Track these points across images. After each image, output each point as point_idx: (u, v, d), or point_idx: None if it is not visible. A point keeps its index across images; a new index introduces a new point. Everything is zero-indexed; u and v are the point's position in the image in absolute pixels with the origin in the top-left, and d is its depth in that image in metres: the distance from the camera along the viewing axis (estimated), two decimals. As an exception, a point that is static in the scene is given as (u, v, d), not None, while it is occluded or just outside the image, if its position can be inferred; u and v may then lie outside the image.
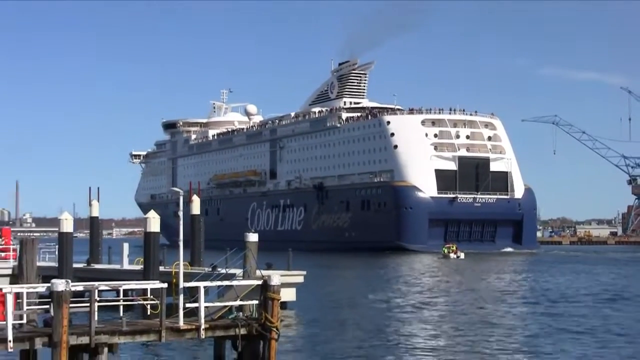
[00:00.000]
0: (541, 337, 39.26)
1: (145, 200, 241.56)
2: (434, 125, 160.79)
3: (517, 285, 72.18)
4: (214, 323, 28.90)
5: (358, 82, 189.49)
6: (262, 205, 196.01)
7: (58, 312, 25.31)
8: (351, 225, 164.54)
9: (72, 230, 54.63)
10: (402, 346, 36.41)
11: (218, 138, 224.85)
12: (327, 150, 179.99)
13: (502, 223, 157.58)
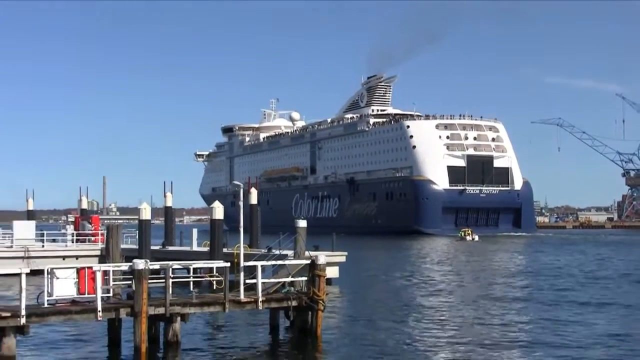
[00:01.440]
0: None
1: (208, 193, 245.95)
2: (446, 128, 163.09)
3: (531, 261, 72.02)
4: (269, 296, 28.97)
5: (383, 92, 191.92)
6: (304, 196, 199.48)
7: (139, 287, 25.48)
8: (377, 213, 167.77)
9: (150, 218, 54.89)
10: (432, 317, 36.18)
11: (267, 140, 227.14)
12: (358, 150, 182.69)
13: (504, 210, 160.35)
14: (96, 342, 27.46)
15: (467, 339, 29.24)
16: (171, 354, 25.80)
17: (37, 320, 24.53)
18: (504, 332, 30.98)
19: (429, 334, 30.72)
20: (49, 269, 25.95)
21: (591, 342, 28.29)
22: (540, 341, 28.49)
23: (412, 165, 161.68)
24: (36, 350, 26.23)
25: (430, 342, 28.50)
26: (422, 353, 26.35)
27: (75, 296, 25.72)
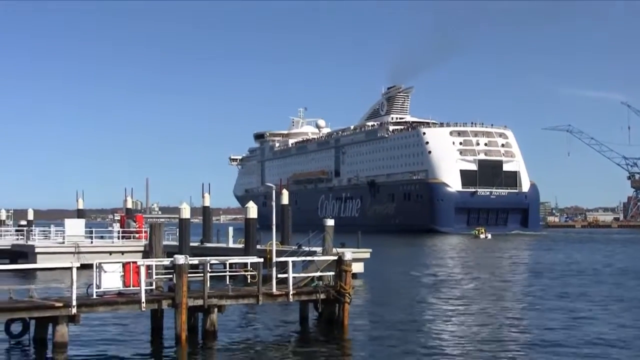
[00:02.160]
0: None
1: (241, 194, 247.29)
2: (459, 135, 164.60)
3: (542, 257, 71.73)
4: (299, 290, 28.98)
5: (402, 102, 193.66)
6: (329, 197, 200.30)
7: (179, 280, 25.58)
8: (396, 212, 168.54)
9: (189, 217, 55.04)
10: (453, 310, 36.07)
11: (296, 145, 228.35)
12: (378, 155, 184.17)
13: (512, 211, 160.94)
14: (140, 331, 27.58)
15: (487, 331, 29.13)
16: (209, 342, 25.87)
17: (87, 310, 24.67)
18: (525, 324, 30.90)
19: (450, 325, 30.67)
20: (98, 263, 26.13)
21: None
22: (569, 337, 28.35)
23: (427, 169, 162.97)
24: (86, 337, 26.37)
25: (451, 333, 28.44)
26: (443, 343, 26.28)
27: (121, 288, 25.85)
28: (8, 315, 23.93)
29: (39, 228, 69.54)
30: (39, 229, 68.55)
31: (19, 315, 24.31)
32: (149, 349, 25.21)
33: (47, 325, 24.42)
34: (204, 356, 24.21)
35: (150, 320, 27.05)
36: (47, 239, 66.20)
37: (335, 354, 25.26)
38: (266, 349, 25.44)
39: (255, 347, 25.63)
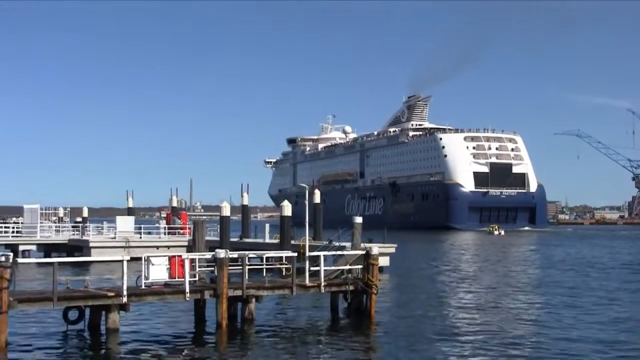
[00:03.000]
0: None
1: (275, 193, 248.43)
2: (473, 140, 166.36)
3: (554, 251, 71.34)
4: (330, 281, 29.00)
5: (421, 110, 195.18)
6: (354, 197, 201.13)
7: (220, 273, 25.70)
8: (415, 211, 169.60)
9: (229, 214, 55.29)
10: (473, 300, 35.96)
11: (325, 149, 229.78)
12: (399, 158, 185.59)
13: (521, 209, 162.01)
14: (184, 319, 27.72)
15: (507, 320, 29.00)
16: (247, 329, 25.97)
17: (136, 299, 24.86)
18: (547, 314, 30.75)
19: (470, 314, 30.52)
20: (146, 256, 26.30)
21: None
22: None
23: (443, 171, 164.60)
24: (135, 324, 26.56)
25: (471, 322, 28.32)
26: (463, 331, 26.20)
27: (167, 280, 25.98)
28: (66, 303, 24.17)
29: (93, 224, 70.05)
30: (93, 225, 69.05)
31: (75, 304, 24.55)
32: (192, 335, 25.33)
33: (100, 313, 24.62)
34: (243, 342, 24.28)
35: (194, 309, 27.18)
36: (100, 235, 66.67)
37: (363, 340, 25.25)
38: (299, 335, 25.49)
39: (289, 334, 25.67)
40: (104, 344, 23.36)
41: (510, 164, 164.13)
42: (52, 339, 23.87)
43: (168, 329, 26.14)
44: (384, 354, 22.71)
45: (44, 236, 65.32)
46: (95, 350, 22.75)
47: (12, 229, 67.14)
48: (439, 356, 21.77)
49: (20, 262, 24.82)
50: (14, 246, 58.77)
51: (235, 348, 23.24)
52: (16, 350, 21.83)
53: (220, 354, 22.69)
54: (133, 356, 21.58)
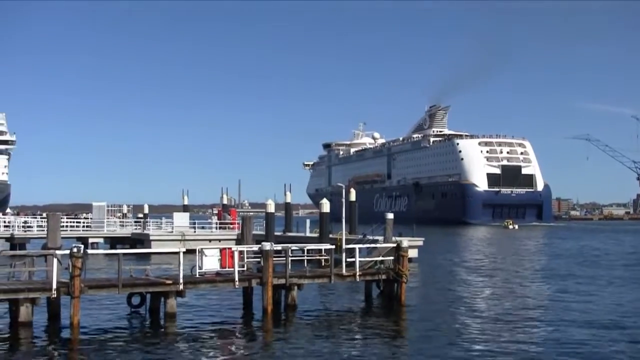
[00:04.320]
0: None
1: (313, 193, 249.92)
2: (486, 145, 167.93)
3: (567, 244, 70.67)
4: (365, 271, 29.03)
5: (441, 118, 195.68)
6: (382, 195, 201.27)
7: (266, 263, 25.85)
8: (435, 208, 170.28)
9: (274, 211, 55.46)
10: (497, 288, 35.76)
11: (356, 153, 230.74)
12: (421, 161, 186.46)
13: (529, 206, 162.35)
14: (234, 304, 27.91)
15: (528, 307, 28.82)
16: (290, 314, 26.09)
17: (191, 286, 25.10)
18: (573, 305, 30.50)
19: (495, 301, 30.38)
20: (200, 248, 26.53)
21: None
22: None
23: (460, 172, 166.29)
24: (191, 309, 26.82)
25: (494, 308, 28.19)
26: (486, 316, 26.10)
27: (218, 269, 26.17)
28: (129, 289, 24.51)
29: (152, 220, 70.65)
30: (152, 221, 69.64)
31: (138, 290, 24.87)
32: (241, 319, 25.50)
33: (159, 298, 24.88)
34: (286, 325, 24.42)
35: (242, 296, 27.36)
36: (159, 229, 67.14)
37: (394, 324, 25.27)
38: (337, 319, 25.57)
39: (328, 318, 25.77)
40: (163, 326, 23.63)
41: (519, 166, 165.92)
42: (117, 321, 24.21)
43: (219, 313, 26.36)
44: (413, 336, 22.70)
45: (110, 230, 66.01)
46: (155, 332, 23.04)
47: (82, 224, 68.00)
48: (465, 338, 21.72)
49: (90, 253, 25.18)
50: (84, 239, 59.47)
51: (279, 331, 23.39)
52: (86, 330, 22.20)
53: (267, 335, 22.87)
54: (189, 337, 21.82)
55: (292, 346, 20.62)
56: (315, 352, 19.83)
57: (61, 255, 23.10)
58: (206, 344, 20.86)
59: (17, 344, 20.66)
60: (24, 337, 21.30)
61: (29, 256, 26.13)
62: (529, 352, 20.03)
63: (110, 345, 20.42)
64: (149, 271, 26.32)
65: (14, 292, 22.07)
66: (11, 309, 22.80)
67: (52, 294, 22.32)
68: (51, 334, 22.02)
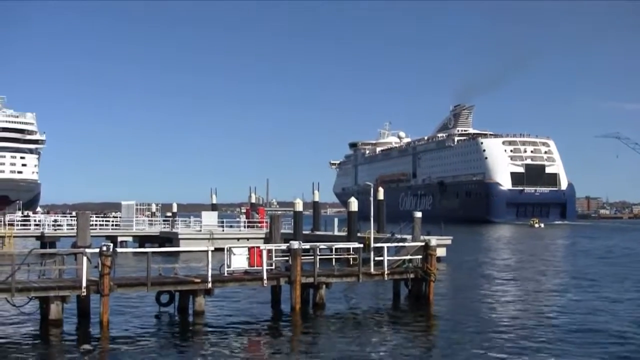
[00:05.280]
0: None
1: (339, 191, 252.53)
2: (510, 144, 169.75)
3: (595, 242, 69.97)
4: (393, 270, 28.90)
5: (466, 117, 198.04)
6: (407, 194, 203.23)
7: (294, 262, 25.84)
8: (460, 206, 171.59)
9: (302, 210, 55.55)
10: (525, 287, 35.45)
11: (382, 152, 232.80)
12: (446, 160, 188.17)
13: (553, 205, 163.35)
14: (262, 303, 27.92)
15: (555, 305, 28.53)
16: (318, 312, 26.06)
17: (220, 285, 25.14)
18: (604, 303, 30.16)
19: (523, 302, 30.12)
20: (228, 247, 26.58)
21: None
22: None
23: (484, 171, 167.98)
24: (219, 307, 26.88)
25: (523, 309, 27.95)
26: (517, 316, 25.86)
27: (246, 268, 26.21)
28: (158, 288, 24.60)
29: (181, 218, 71.05)
30: (181, 219, 70.03)
31: (166, 288, 24.96)
32: (269, 317, 25.50)
33: (188, 297, 24.96)
34: (314, 324, 24.36)
35: (270, 294, 27.35)
36: (187, 228, 67.49)
37: (422, 323, 25.10)
38: (365, 318, 25.49)
39: (356, 317, 25.69)
40: (191, 324, 23.69)
41: (543, 165, 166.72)
42: (146, 319, 24.33)
43: (247, 312, 26.37)
44: (441, 335, 22.57)
45: (139, 229, 66.44)
46: (184, 330, 23.11)
47: (111, 223, 68.56)
48: (493, 338, 21.51)
49: (119, 251, 25.32)
50: (113, 237, 59.88)
51: (308, 329, 23.35)
52: (116, 328, 22.32)
53: (295, 334, 22.84)
54: (217, 335, 21.85)
55: (320, 345, 20.57)
56: (343, 350, 19.76)
57: (91, 253, 23.25)
58: (234, 343, 20.87)
59: (47, 341, 20.83)
60: (54, 334, 21.48)
61: (59, 254, 26.32)
62: (559, 353, 19.77)
63: (139, 344, 20.51)
64: (177, 270, 26.44)
65: (44, 290, 22.27)
66: (42, 306, 23.03)
67: (81, 292, 22.48)
68: (81, 332, 22.17)
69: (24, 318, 23.31)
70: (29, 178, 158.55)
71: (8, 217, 66.48)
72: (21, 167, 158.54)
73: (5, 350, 19.38)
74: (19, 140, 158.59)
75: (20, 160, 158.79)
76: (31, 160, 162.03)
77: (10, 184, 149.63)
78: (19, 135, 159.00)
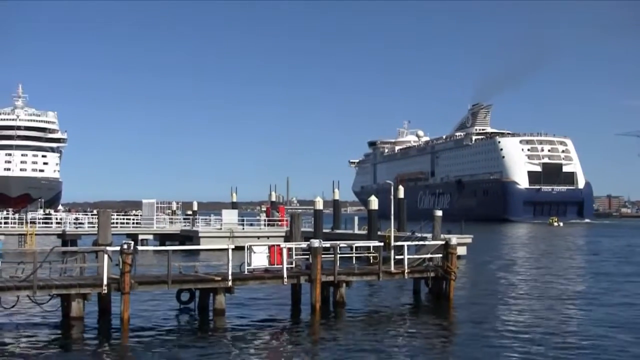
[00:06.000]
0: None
1: (358, 190, 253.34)
2: (527, 143, 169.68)
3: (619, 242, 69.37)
4: (413, 269, 28.83)
5: (484, 117, 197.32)
6: (425, 193, 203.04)
7: (314, 260, 25.81)
8: (477, 205, 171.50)
9: (322, 208, 55.52)
10: (546, 287, 35.22)
11: (400, 151, 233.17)
12: (464, 159, 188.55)
13: (570, 204, 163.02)
14: (282, 301, 27.93)
15: (575, 306, 28.31)
16: (338, 311, 26.01)
17: (240, 283, 25.15)
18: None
19: (545, 301, 29.88)
20: (248, 245, 26.61)
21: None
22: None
23: (501, 170, 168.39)
24: (239, 305, 26.89)
25: (545, 309, 27.75)
26: (538, 316, 25.67)
27: (267, 266, 26.24)
28: (178, 286, 24.69)
29: (201, 217, 71.20)
30: (201, 218, 70.19)
31: (187, 286, 25.05)
32: (289, 316, 25.50)
33: (208, 295, 25.01)
34: (334, 322, 24.33)
35: (291, 293, 27.33)
36: (208, 226, 67.62)
37: (443, 322, 25.02)
38: (385, 316, 25.41)
39: (376, 315, 25.62)
40: (212, 322, 23.73)
41: (560, 164, 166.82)
42: (166, 317, 24.40)
43: (268, 310, 26.39)
44: (461, 333, 22.45)
45: (160, 227, 66.73)
46: (204, 328, 23.15)
47: (132, 221, 68.90)
48: (514, 338, 21.37)
49: (140, 249, 25.44)
50: (134, 235, 60.15)
51: (327, 328, 23.31)
52: (136, 326, 22.41)
53: (315, 332, 22.82)
54: (237, 333, 21.87)
55: (340, 343, 20.52)
56: (363, 349, 19.71)
57: (112, 251, 23.37)
58: (254, 341, 20.88)
59: (69, 338, 20.95)
60: (76, 331, 21.60)
61: (80, 252, 26.51)
62: (580, 354, 19.60)
63: (159, 341, 20.58)
64: (197, 268, 26.51)
65: (65, 288, 22.40)
66: (63, 304, 23.18)
67: (102, 290, 22.60)
68: (101, 329, 22.28)
69: (45, 315, 23.49)
70: (50, 176, 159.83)
71: (30, 215, 67.08)
72: (43, 165, 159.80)
73: (28, 347, 19.53)
74: (40, 139, 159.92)
75: (42, 158, 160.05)
76: (53, 158, 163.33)
77: (32, 182, 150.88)
78: (40, 134, 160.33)
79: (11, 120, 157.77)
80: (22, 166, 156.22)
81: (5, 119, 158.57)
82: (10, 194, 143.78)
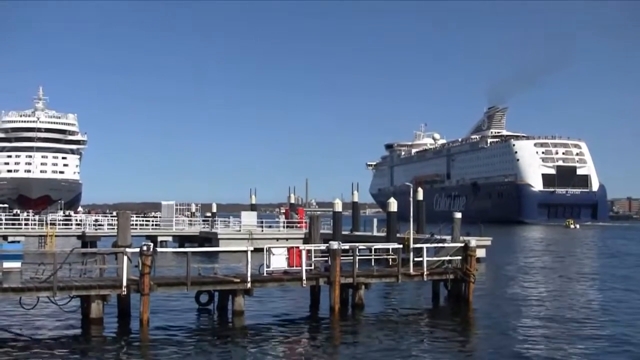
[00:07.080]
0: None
1: (375, 192, 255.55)
2: (542, 146, 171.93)
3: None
4: (432, 271, 28.75)
5: (499, 120, 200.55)
6: (441, 195, 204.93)
7: (333, 262, 25.80)
8: (492, 207, 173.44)
9: (341, 210, 55.37)
10: (566, 288, 35.00)
11: (417, 154, 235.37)
12: (479, 162, 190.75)
13: (584, 206, 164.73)
14: (301, 303, 27.95)
15: (592, 307, 28.10)
16: (357, 313, 25.97)
17: (259, 285, 25.17)
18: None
19: (564, 304, 29.69)
20: (267, 247, 26.65)
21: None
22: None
23: (516, 173, 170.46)
24: (259, 307, 26.91)
25: (564, 312, 27.56)
26: (557, 319, 25.50)
27: (286, 268, 26.25)
28: (198, 287, 24.75)
29: (220, 219, 71.42)
30: (220, 220, 70.40)
31: (206, 288, 25.12)
32: (308, 318, 25.50)
33: (227, 296, 25.07)
34: (353, 324, 24.30)
35: (310, 294, 27.36)
36: (227, 227, 67.84)
37: (462, 324, 24.94)
38: (404, 318, 25.36)
39: (395, 318, 25.58)
40: (231, 324, 23.78)
41: (574, 167, 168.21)
42: (185, 319, 24.46)
43: (287, 312, 26.40)
44: (480, 336, 22.37)
45: (179, 229, 67.01)
46: (223, 329, 23.20)
47: (152, 222, 69.22)
48: (533, 341, 21.25)
49: (159, 251, 25.51)
50: (153, 237, 60.43)
51: (347, 329, 23.29)
52: (156, 327, 22.50)
53: (334, 334, 22.81)
54: (256, 335, 21.89)
55: (359, 345, 20.49)
56: (382, 351, 19.66)
57: (131, 253, 23.47)
58: (273, 342, 20.89)
59: (88, 339, 21.05)
60: (95, 333, 21.71)
61: (100, 254, 26.65)
62: (597, 358, 19.46)
63: (178, 343, 20.64)
64: (217, 269, 26.57)
65: (85, 289, 22.52)
66: (83, 305, 23.30)
67: (122, 291, 22.70)
68: (121, 331, 22.38)
69: (65, 316, 23.64)
70: (70, 178, 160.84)
71: (50, 217, 67.59)
72: (63, 167, 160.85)
73: (48, 348, 19.65)
74: (60, 140, 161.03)
75: (62, 160, 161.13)
76: (73, 160, 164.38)
77: (52, 183, 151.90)
78: (61, 136, 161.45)
79: (32, 122, 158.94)
80: (43, 168, 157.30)
81: (26, 120, 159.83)
82: (30, 195, 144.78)
